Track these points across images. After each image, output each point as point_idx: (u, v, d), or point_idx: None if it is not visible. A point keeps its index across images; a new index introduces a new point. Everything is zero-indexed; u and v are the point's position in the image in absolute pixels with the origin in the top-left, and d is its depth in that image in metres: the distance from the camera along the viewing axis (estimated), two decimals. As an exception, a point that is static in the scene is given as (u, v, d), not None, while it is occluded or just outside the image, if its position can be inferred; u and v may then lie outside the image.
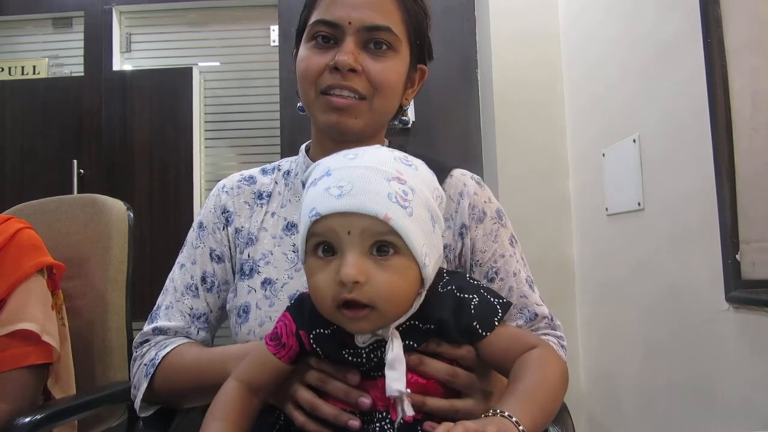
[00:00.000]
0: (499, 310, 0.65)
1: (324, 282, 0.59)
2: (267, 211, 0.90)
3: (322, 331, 0.65)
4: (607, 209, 1.69)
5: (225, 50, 2.61)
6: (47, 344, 1.08)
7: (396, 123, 0.94)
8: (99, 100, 2.44)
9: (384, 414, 0.61)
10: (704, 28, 1.13)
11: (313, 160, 0.89)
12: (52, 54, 2.65)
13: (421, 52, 0.90)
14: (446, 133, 2.27)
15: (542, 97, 2.04)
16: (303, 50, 0.84)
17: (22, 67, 2.62)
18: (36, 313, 1.08)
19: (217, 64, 2.64)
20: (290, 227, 0.88)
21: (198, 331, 0.88)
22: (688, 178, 1.25)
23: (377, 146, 0.68)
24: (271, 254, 0.86)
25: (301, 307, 0.67)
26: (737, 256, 1.07)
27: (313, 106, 0.84)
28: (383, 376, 0.60)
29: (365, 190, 0.59)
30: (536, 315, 0.86)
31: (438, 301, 0.64)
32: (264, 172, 0.95)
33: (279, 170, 0.95)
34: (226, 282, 0.89)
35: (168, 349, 0.83)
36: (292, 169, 0.94)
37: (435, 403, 0.63)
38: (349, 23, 0.79)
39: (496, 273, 0.86)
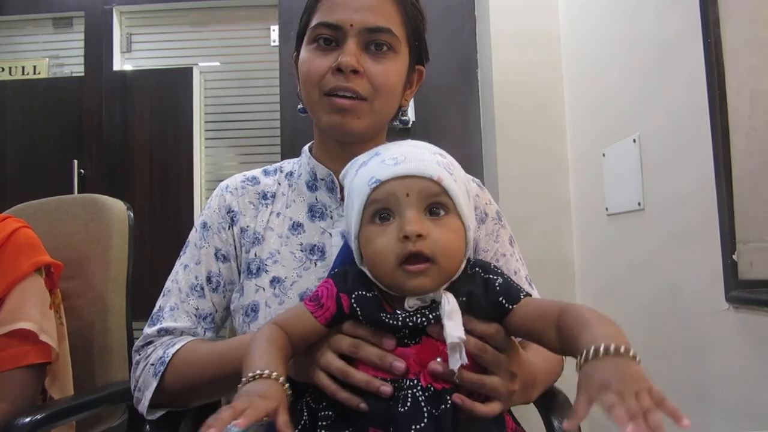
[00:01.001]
0: (523, 291, 0.69)
1: (385, 243, 0.65)
2: (272, 211, 0.91)
3: (364, 293, 0.68)
4: (607, 209, 1.69)
5: (225, 50, 2.61)
6: (45, 344, 1.07)
7: (396, 123, 0.95)
8: (99, 100, 2.44)
9: (415, 382, 0.63)
10: (704, 28, 1.14)
11: (318, 161, 0.91)
12: (52, 54, 2.65)
13: (419, 53, 0.91)
14: (446, 134, 2.26)
15: (542, 98, 2.04)
16: (305, 53, 0.85)
17: (23, 67, 2.62)
18: (34, 312, 1.08)
19: (218, 64, 2.64)
20: (296, 227, 0.89)
21: (204, 332, 0.88)
22: (689, 178, 1.25)
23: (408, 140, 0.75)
24: (279, 253, 0.87)
25: (345, 274, 0.71)
26: (734, 256, 1.07)
27: (317, 107, 0.84)
28: (417, 343, 0.64)
29: (418, 158, 0.67)
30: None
31: (467, 278, 0.69)
32: (266, 173, 0.96)
33: (281, 171, 0.96)
34: (232, 282, 0.90)
35: (177, 347, 0.82)
36: (294, 171, 0.95)
37: (468, 375, 0.65)
38: (351, 25, 0.80)
39: None
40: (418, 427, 0.60)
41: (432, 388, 0.63)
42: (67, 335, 1.21)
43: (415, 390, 0.63)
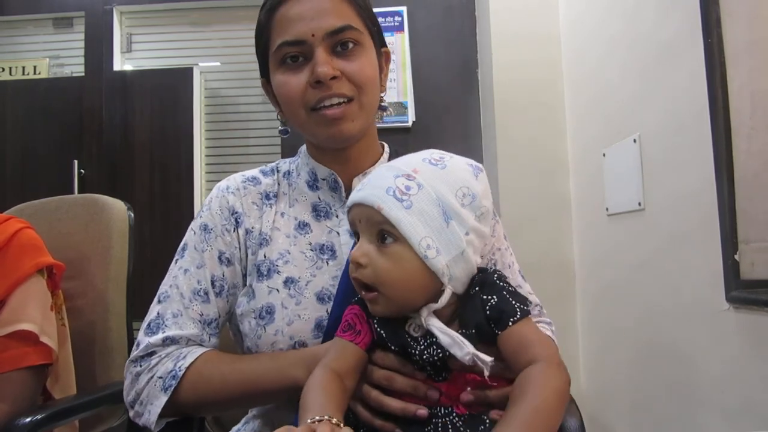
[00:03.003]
0: (518, 314, 0.67)
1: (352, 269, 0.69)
2: (276, 211, 0.89)
3: (386, 318, 0.70)
4: (607, 209, 1.69)
5: (225, 50, 2.62)
6: (46, 345, 1.07)
7: (378, 111, 0.93)
8: (99, 100, 2.44)
9: (450, 409, 0.65)
10: (704, 28, 1.13)
11: (316, 160, 0.90)
12: (52, 54, 2.65)
13: (380, 36, 0.90)
14: (446, 134, 2.27)
15: (542, 97, 2.04)
16: (278, 76, 0.84)
17: (23, 67, 2.63)
18: (35, 313, 1.08)
19: (218, 64, 2.64)
20: (302, 226, 0.88)
21: (209, 338, 0.85)
22: (689, 178, 1.25)
23: (446, 154, 0.73)
24: (289, 253, 0.85)
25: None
26: (736, 256, 1.07)
27: (308, 124, 0.84)
28: (445, 379, 0.66)
29: (372, 185, 0.69)
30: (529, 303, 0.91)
31: (471, 305, 0.68)
32: (264, 173, 0.95)
33: (278, 171, 0.95)
34: (235, 286, 0.87)
35: (190, 360, 0.79)
36: (292, 170, 0.94)
37: (495, 393, 0.66)
38: (313, 35, 0.80)
39: (494, 264, 0.90)
40: None
41: (468, 414, 0.65)
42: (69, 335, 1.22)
43: (451, 417, 0.65)
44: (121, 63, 2.57)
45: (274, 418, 0.84)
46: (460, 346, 0.63)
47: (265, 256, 0.85)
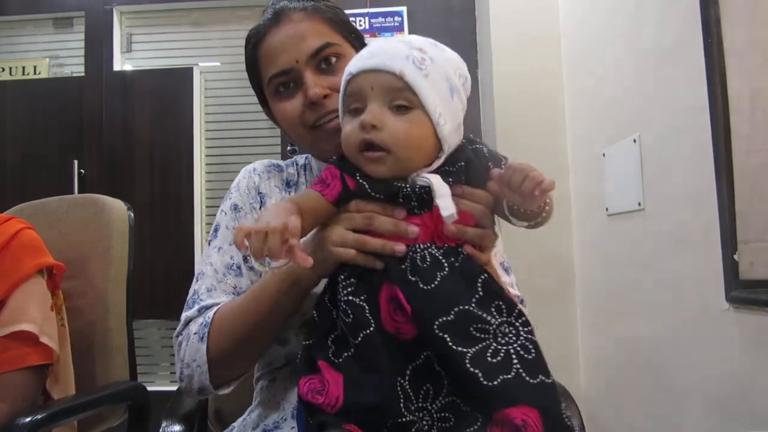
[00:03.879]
0: (504, 157, 0.75)
1: (349, 130, 0.70)
2: None
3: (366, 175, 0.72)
4: (607, 209, 1.69)
5: (226, 50, 2.62)
6: (46, 345, 1.07)
7: None
8: (100, 100, 2.44)
9: (428, 244, 0.69)
10: (704, 28, 1.14)
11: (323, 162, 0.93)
12: (52, 54, 2.65)
13: (358, 39, 0.93)
14: (446, 133, 2.26)
15: (542, 98, 2.04)
16: (275, 104, 0.90)
17: (23, 68, 2.63)
18: (35, 314, 1.08)
19: (218, 64, 2.64)
20: None
21: None
22: (689, 178, 1.25)
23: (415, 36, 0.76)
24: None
25: (343, 160, 0.74)
26: (735, 256, 1.07)
27: (314, 141, 0.88)
28: (426, 212, 0.69)
29: (388, 53, 0.70)
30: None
31: (459, 149, 0.74)
32: (286, 164, 1.00)
33: (297, 164, 0.99)
34: None
35: (214, 309, 0.83)
36: (308, 163, 0.99)
37: (474, 231, 0.71)
38: (297, 61, 0.85)
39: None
40: (442, 274, 0.66)
41: (446, 246, 0.69)
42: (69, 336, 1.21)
43: (430, 249, 0.68)
44: (121, 63, 2.57)
45: (279, 380, 0.86)
46: (447, 208, 0.66)
47: None
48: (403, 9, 2.28)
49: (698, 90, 1.17)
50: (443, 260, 0.68)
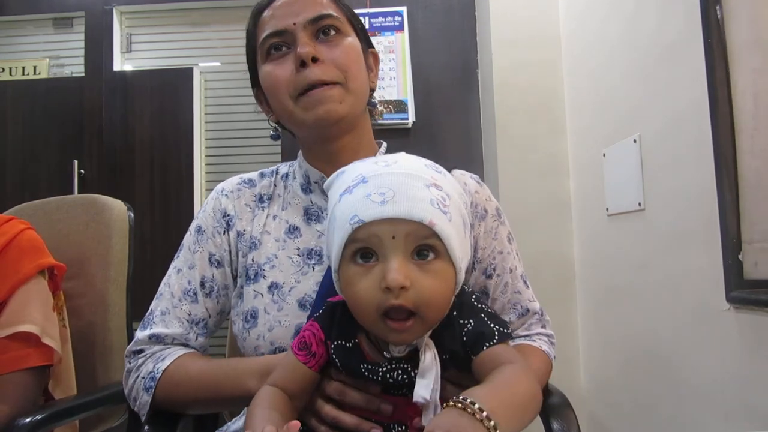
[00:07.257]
0: (496, 337, 0.64)
1: (367, 289, 0.59)
2: (268, 214, 0.90)
3: (343, 343, 0.66)
4: (607, 209, 1.69)
5: (226, 50, 2.62)
6: (47, 346, 1.07)
7: (367, 107, 0.94)
8: (100, 100, 2.44)
9: (403, 428, 0.63)
10: (705, 28, 1.13)
11: (310, 164, 0.90)
12: (52, 54, 2.65)
13: (365, 38, 0.92)
14: (446, 134, 2.26)
15: (542, 98, 2.04)
16: (264, 70, 0.86)
17: (23, 68, 2.63)
18: (36, 314, 1.08)
19: (218, 64, 2.64)
20: (293, 230, 0.88)
21: (197, 337, 0.87)
22: (689, 178, 1.25)
23: (403, 153, 0.68)
24: (276, 258, 0.86)
25: (332, 316, 0.68)
26: (740, 257, 1.07)
27: (295, 112, 0.84)
28: (402, 395, 0.63)
29: (409, 196, 0.59)
30: (528, 310, 0.90)
31: (449, 329, 0.65)
32: (262, 175, 0.96)
33: (277, 173, 0.96)
34: (226, 287, 0.89)
35: (167, 363, 0.82)
36: (289, 173, 0.95)
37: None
38: (294, 24, 0.83)
39: (494, 269, 0.88)
40: None
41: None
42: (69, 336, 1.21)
43: None
44: (121, 63, 2.57)
45: None
46: (426, 387, 0.59)
47: (253, 260, 0.87)
48: (403, 9, 2.28)
49: (699, 90, 1.17)
50: None
